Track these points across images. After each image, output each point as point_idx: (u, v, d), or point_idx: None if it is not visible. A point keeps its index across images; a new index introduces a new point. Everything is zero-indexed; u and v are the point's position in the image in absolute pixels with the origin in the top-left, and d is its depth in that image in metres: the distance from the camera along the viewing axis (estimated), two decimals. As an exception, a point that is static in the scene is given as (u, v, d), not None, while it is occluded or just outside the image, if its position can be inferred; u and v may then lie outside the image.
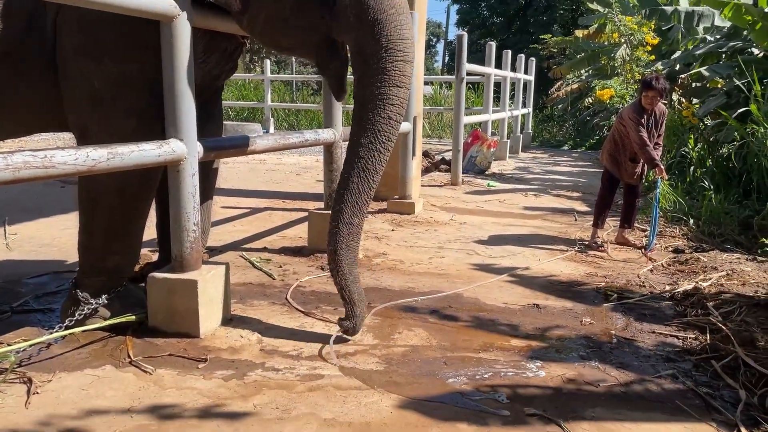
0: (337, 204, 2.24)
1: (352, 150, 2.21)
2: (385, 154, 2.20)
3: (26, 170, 1.69)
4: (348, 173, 2.21)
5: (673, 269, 3.63)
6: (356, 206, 2.22)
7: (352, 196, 2.21)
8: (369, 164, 2.19)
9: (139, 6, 2.02)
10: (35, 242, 3.68)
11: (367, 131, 2.17)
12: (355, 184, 2.20)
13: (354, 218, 2.23)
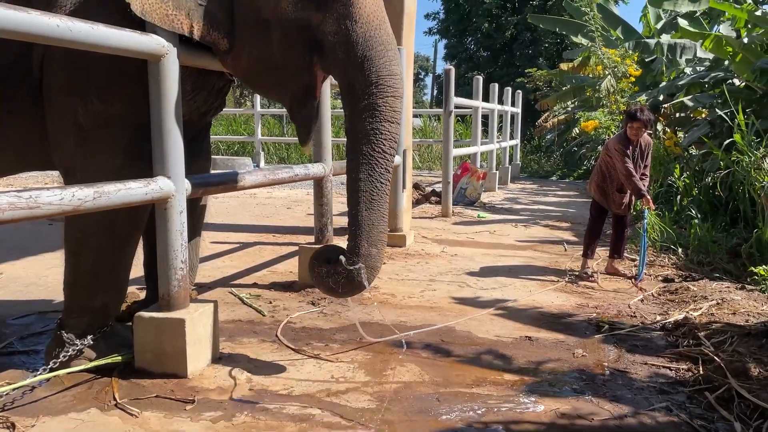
0: (351, 240, 2.20)
1: (353, 186, 2.20)
2: (386, 185, 2.20)
3: (11, 211, 1.68)
4: (355, 209, 2.19)
5: (664, 299, 3.63)
6: (371, 237, 2.18)
7: (364, 229, 2.17)
8: (374, 195, 2.18)
9: (127, 46, 2.03)
10: (21, 281, 3.64)
11: (364, 165, 2.17)
12: (365, 216, 2.17)
13: (372, 249, 2.19)
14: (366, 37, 2.14)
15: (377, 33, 2.16)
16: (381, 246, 2.22)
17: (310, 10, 2.17)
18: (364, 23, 2.15)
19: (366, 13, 2.16)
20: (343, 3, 2.15)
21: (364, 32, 2.14)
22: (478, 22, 21.23)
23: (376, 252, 2.21)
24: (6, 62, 2.18)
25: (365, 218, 2.18)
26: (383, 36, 2.18)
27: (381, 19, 2.20)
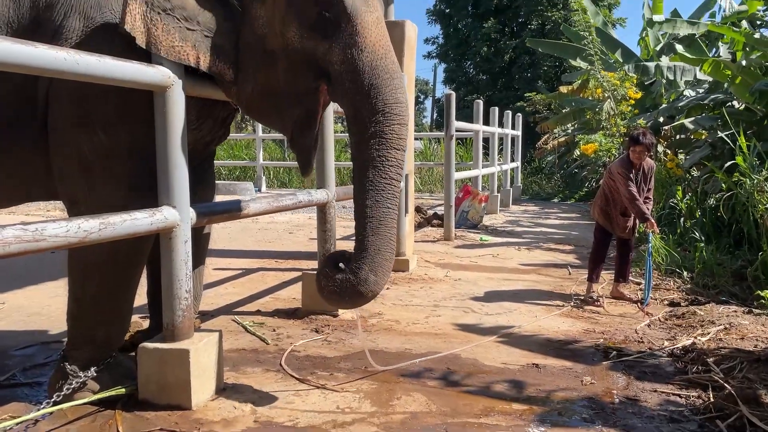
0: (355, 262, 2.17)
1: (360, 213, 2.19)
2: (393, 210, 2.19)
3: (17, 245, 1.67)
4: (362, 235, 2.17)
5: (671, 323, 3.60)
6: (375, 264, 2.15)
7: (370, 254, 2.15)
8: (381, 221, 2.16)
9: (133, 77, 2.04)
10: (24, 311, 3.62)
11: (370, 192, 2.16)
12: (372, 242, 2.15)
13: (376, 276, 2.15)
14: (372, 66, 2.15)
15: (383, 62, 2.18)
16: (383, 274, 2.20)
17: (317, 40, 2.18)
18: (370, 52, 2.16)
19: (372, 42, 2.17)
20: (349, 32, 2.16)
21: (370, 61, 2.16)
22: (476, 47, 21.45)
23: (374, 279, 2.17)
24: (11, 93, 2.19)
25: (371, 243, 2.16)
26: (389, 64, 2.19)
27: (386, 47, 2.22)
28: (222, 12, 2.22)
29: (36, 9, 2.16)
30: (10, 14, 2.15)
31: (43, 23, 2.16)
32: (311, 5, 2.15)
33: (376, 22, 2.21)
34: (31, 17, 2.16)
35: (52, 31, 2.15)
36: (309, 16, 2.16)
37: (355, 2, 2.17)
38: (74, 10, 2.15)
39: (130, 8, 2.04)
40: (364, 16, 2.18)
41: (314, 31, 2.17)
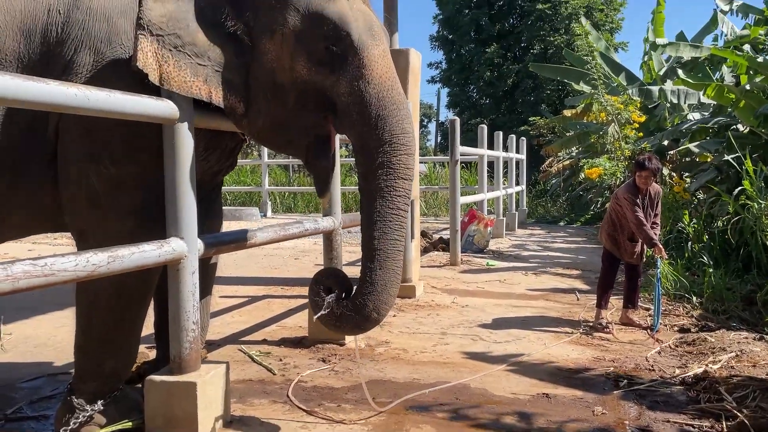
0: (359, 297, 2.17)
1: (367, 244, 2.19)
2: (400, 242, 2.20)
3: (26, 280, 1.67)
4: (368, 266, 2.17)
5: (681, 350, 3.56)
6: (380, 300, 2.15)
7: (376, 291, 2.15)
8: (388, 253, 2.16)
9: (143, 111, 2.06)
10: (30, 342, 3.61)
11: (378, 223, 2.17)
12: (379, 275, 2.15)
13: (373, 313, 2.15)
14: (379, 98, 2.18)
15: (389, 93, 2.20)
16: (387, 309, 2.20)
17: (324, 74, 2.21)
18: (377, 84, 2.19)
19: (378, 75, 2.20)
20: (356, 66, 2.19)
21: (377, 93, 2.18)
22: (479, 71, 21.63)
23: (376, 317, 2.18)
24: (22, 127, 2.21)
25: (378, 278, 2.16)
26: (395, 96, 2.22)
27: (393, 79, 2.25)
28: (232, 47, 2.24)
29: (47, 44, 2.19)
30: (21, 49, 2.17)
31: (53, 58, 2.18)
32: (319, 40, 2.18)
33: (382, 54, 2.24)
34: (41, 52, 2.19)
35: (63, 66, 2.17)
36: (317, 51, 2.19)
37: (361, 36, 2.20)
38: (84, 46, 2.18)
39: (142, 46, 2.06)
40: (371, 49, 2.21)
41: (322, 64, 2.20)
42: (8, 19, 2.15)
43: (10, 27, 2.15)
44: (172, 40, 2.13)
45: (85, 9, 2.19)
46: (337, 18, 2.18)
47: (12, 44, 2.16)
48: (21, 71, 2.15)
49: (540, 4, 20.66)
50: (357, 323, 2.18)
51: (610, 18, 22.00)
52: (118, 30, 2.19)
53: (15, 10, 2.16)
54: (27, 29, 2.17)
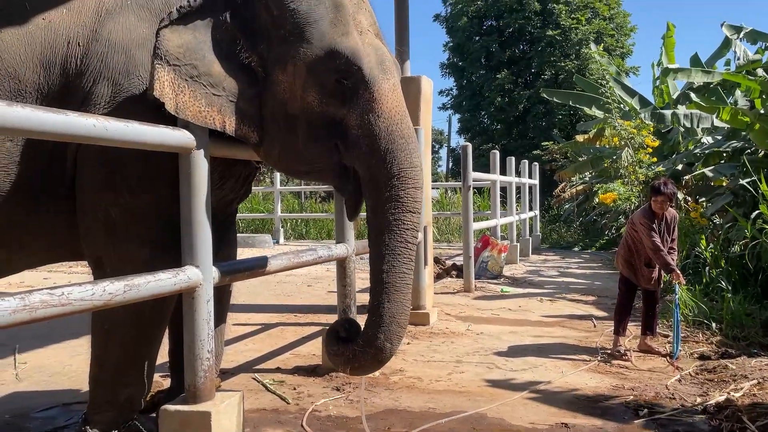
0: (369, 329, 2.19)
1: (376, 278, 2.21)
2: (409, 275, 2.22)
3: (43, 309, 1.68)
4: (378, 300, 2.19)
5: (702, 378, 3.50)
6: (390, 331, 2.17)
7: (385, 322, 2.17)
8: (396, 286, 2.18)
9: (160, 141, 2.09)
10: (45, 371, 3.61)
11: (387, 256, 2.19)
12: (387, 308, 2.17)
13: (388, 343, 2.17)
14: (389, 131, 2.20)
15: (399, 127, 2.22)
16: (398, 341, 2.22)
17: (335, 106, 2.24)
18: (387, 118, 2.21)
19: (388, 109, 2.22)
20: (367, 99, 2.22)
21: (386, 126, 2.20)
22: (490, 97, 21.73)
23: (390, 347, 2.19)
24: (42, 158, 2.24)
25: (387, 311, 2.18)
26: (405, 129, 2.24)
27: (402, 113, 2.27)
28: (246, 78, 2.28)
29: (66, 76, 2.23)
30: (40, 81, 2.21)
31: (72, 90, 2.22)
32: (331, 73, 2.21)
33: (392, 88, 2.27)
34: (61, 84, 2.23)
35: (82, 97, 2.21)
36: (328, 84, 2.22)
37: (372, 70, 2.23)
38: (103, 77, 2.22)
39: (159, 76, 2.10)
40: (381, 83, 2.24)
41: (333, 97, 2.23)
42: (28, 51, 2.20)
43: (30, 59, 2.20)
44: (188, 71, 2.16)
45: (104, 41, 2.24)
46: (349, 52, 2.21)
47: (32, 76, 2.20)
48: (40, 102, 2.19)
49: (550, 31, 20.81)
50: (372, 356, 2.19)
51: (620, 43, 22.10)
52: (136, 62, 2.23)
53: (35, 42, 2.21)
54: (47, 61, 2.21)
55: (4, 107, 1.59)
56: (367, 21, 2.37)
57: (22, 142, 2.19)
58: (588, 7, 21.44)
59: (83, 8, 2.29)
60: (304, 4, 2.23)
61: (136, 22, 2.29)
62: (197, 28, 2.21)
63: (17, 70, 2.18)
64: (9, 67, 2.17)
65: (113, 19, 2.27)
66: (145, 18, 2.31)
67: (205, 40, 2.23)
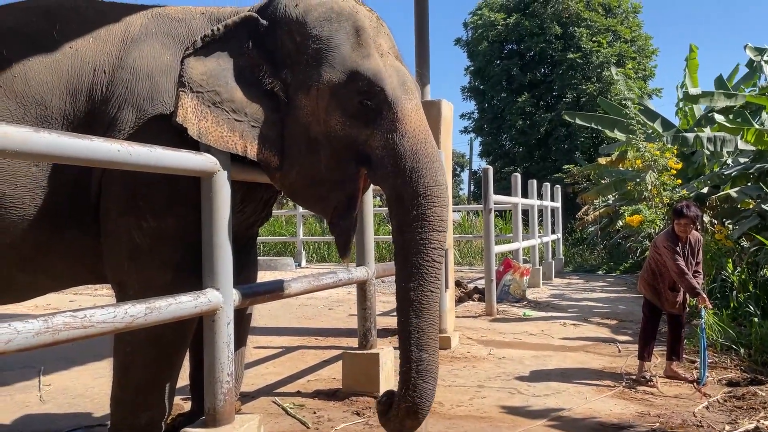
0: (403, 345, 2.21)
1: (403, 296, 2.22)
2: (436, 293, 2.23)
3: (65, 331, 1.70)
4: (406, 318, 2.20)
5: (730, 405, 3.41)
6: (421, 342, 2.18)
7: (415, 335, 2.18)
8: (424, 304, 2.19)
9: (183, 165, 2.13)
10: (69, 393, 3.64)
11: (414, 275, 2.20)
12: (415, 324, 2.18)
13: (422, 353, 2.18)
14: (413, 150, 2.22)
15: (423, 146, 2.24)
16: (435, 349, 2.22)
17: (359, 128, 2.26)
18: (411, 137, 2.23)
19: (412, 128, 2.25)
20: (390, 120, 2.24)
21: (411, 146, 2.22)
22: (512, 120, 21.72)
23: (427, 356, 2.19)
24: (67, 183, 2.29)
25: (415, 325, 2.19)
26: (429, 148, 2.25)
27: (426, 132, 2.29)
28: (269, 103, 2.32)
29: (92, 102, 2.29)
30: (66, 107, 2.27)
31: (98, 116, 2.28)
32: (354, 95, 2.24)
33: (415, 108, 2.29)
34: (87, 110, 2.29)
35: (107, 123, 2.27)
36: (351, 106, 2.25)
37: (395, 91, 2.26)
38: (128, 104, 2.27)
39: (182, 102, 2.15)
40: (404, 103, 2.26)
41: (356, 118, 2.26)
42: (55, 79, 2.26)
43: (57, 86, 2.26)
44: (211, 97, 2.21)
45: (129, 68, 2.29)
46: (371, 74, 2.24)
47: (58, 103, 2.26)
48: (66, 129, 2.24)
49: (571, 54, 20.80)
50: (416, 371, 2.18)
51: (642, 65, 22.00)
52: (161, 88, 2.29)
53: (62, 70, 2.27)
54: (73, 88, 2.27)
55: (30, 133, 1.64)
56: (387, 44, 2.41)
57: (48, 168, 2.24)
58: (609, 30, 21.42)
59: (109, 37, 2.36)
60: (325, 30, 2.28)
61: (160, 49, 2.35)
62: (220, 56, 2.27)
63: (44, 97, 2.24)
64: (36, 94, 2.23)
65: (138, 47, 2.34)
66: (170, 45, 2.37)
67: (228, 68, 2.27)
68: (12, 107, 2.21)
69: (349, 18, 2.32)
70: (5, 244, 2.26)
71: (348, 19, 2.32)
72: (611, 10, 22.09)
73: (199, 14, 2.49)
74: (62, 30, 2.34)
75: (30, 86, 2.23)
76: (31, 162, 2.20)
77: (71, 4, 2.48)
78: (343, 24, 2.30)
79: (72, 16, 2.41)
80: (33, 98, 2.22)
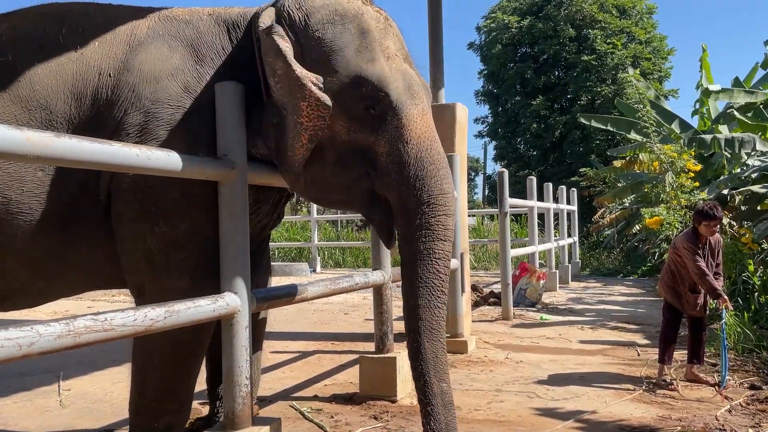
0: (420, 375, 2.16)
1: (411, 312, 2.19)
2: (443, 309, 2.19)
3: (86, 335, 1.71)
4: (416, 339, 2.17)
5: (753, 409, 3.35)
6: (439, 371, 2.15)
7: (432, 363, 2.15)
8: (434, 324, 2.17)
9: (201, 170, 2.13)
10: (88, 398, 3.67)
11: (421, 289, 2.17)
12: (430, 350, 2.15)
13: (443, 384, 2.15)
14: (418, 158, 2.19)
15: (428, 153, 2.21)
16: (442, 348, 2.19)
17: (364, 133, 2.24)
18: (416, 144, 2.20)
19: (417, 135, 2.21)
20: (395, 125, 2.21)
21: (416, 153, 2.19)
22: (526, 123, 21.65)
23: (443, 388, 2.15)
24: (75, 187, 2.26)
25: (427, 350, 2.15)
26: (434, 155, 2.22)
27: (432, 139, 2.25)
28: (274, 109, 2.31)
29: (97, 106, 2.26)
30: (71, 112, 2.25)
31: (103, 119, 2.25)
32: (358, 100, 2.21)
33: (421, 114, 2.25)
34: (92, 114, 2.26)
35: (113, 127, 2.24)
36: (356, 111, 2.22)
37: (400, 96, 2.22)
38: (134, 107, 2.24)
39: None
40: (410, 109, 2.22)
41: (361, 124, 2.23)
42: (59, 83, 2.24)
43: (62, 90, 2.24)
44: None
45: (135, 71, 2.27)
46: (375, 79, 2.20)
47: (63, 107, 2.24)
48: (71, 133, 2.20)
49: (585, 56, 20.71)
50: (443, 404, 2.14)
51: (658, 66, 21.84)
52: (167, 91, 2.26)
53: (66, 74, 2.26)
54: (78, 92, 2.25)
55: (52, 138, 1.65)
56: (395, 45, 2.36)
57: (53, 172, 2.22)
58: (624, 31, 21.30)
59: (115, 40, 2.34)
60: (329, 32, 2.24)
61: (168, 52, 2.32)
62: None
63: (49, 102, 2.22)
64: (41, 98, 2.22)
65: (145, 50, 2.31)
66: (177, 48, 2.34)
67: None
68: (17, 112, 2.20)
69: (354, 20, 2.28)
70: (16, 250, 2.25)
71: (353, 21, 2.28)
72: (626, 11, 21.98)
73: (207, 15, 2.46)
74: (69, 34, 2.33)
75: (35, 91, 2.22)
76: (36, 167, 2.18)
77: (81, 9, 2.47)
78: (347, 26, 2.26)
79: (81, 20, 2.40)
80: (38, 103, 2.21)
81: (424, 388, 2.14)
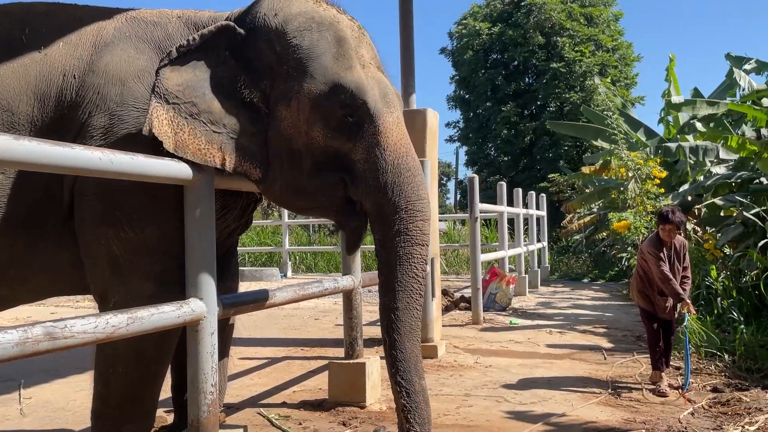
0: (401, 373, 2.22)
1: (388, 315, 2.24)
2: (420, 311, 2.26)
3: (46, 342, 1.66)
4: (396, 340, 2.22)
5: (715, 411, 3.43)
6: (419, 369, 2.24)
7: (410, 364, 2.22)
8: (413, 326, 2.23)
9: (166, 173, 2.09)
10: (50, 406, 3.58)
11: (400, 293, 2.22)
12: (408, 349, 2.22)
13: (422, 381, 2.25)
14: (394, 164, 2.23)
15: (405, 160, 2.25)
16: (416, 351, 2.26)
17: (341, 140, 2.25)
18: (393, 151, 2.24)
19: (393, 142, 2.25)
20: (372, 133, 2.24)
21: (392, 159, 2.23)
22: (497, 129, 21.84)
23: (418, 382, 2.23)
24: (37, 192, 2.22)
25: (405, 349, 2.22)
26: (410, 162, 2.26)
27: (407, 146, 2.30)
28: (248, 115, 2.28)
29: (61, 108, 2.22)
30: (34, 113, 2.21)
31: (68, 122, 2.21)
32: (336, 108, 2.23)
33: (396, 122, 2.29)
34: (55, 116, 2.22)
35: (77, 130, 2.20)
36: (333, 118, 2.24)
37: (377, 104, 2.25)
38: (99, 109, 2.20)
39: (158, 113, 2.10)
40: (386, 117, 2.26)
41: (338, 131, 2.25)
42: (22, 84, 2.20)
43: (24, 92, 2.20)
44: (188, 108, 2.17)
45: (101, 73, 2.23)
46: (354, 87, 2.22)
47: (26, 108, 2.19)
48: (33, 135, 2.16)
49: (554, 63, 20.99)
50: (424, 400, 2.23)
51: (624, 74, 22.24)
52: (134, 93, 2.22)
53: (30, 75, 2.21)
54: (41, 93, 2.21)
55: (10, 140, 1.61)
56: (369, 54, 2.39)
57: (14, 175, 2.17)
58: (591, 39, 21.65)
59: (80, 41, 2.30)
60: (306, 39, 2.25)
61: (134, 53, 2.28)
62: (197, 66, 2.22)
63: (11, 103, 2.18)
64: (3, 99, 2.17)
65: (111, 52, 2.27)
66: (144, 50, 2.30)
67: (206, 78, 2.24)
68: None
69: (330, 27, 2.29)
70: None
71: (329, 28, 2.29)
72: (593, 19, 22.33)
73: (176, 18, 2.42)
74: (32, 35, 2.28)
75: None
76: None
77: (42, 9, 2.42)
78: (324, 34, 2.27)
79: (43, 21, 2.35)
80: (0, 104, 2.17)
81: (407, 386, 2.19)
